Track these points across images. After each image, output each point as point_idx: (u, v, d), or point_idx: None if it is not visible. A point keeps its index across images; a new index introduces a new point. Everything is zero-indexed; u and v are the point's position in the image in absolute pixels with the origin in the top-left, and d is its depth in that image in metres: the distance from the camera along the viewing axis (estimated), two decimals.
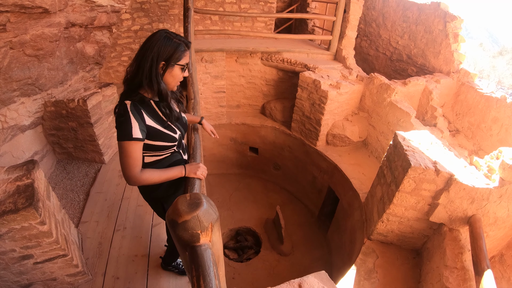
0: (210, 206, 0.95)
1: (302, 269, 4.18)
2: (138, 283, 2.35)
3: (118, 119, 1.37)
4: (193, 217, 0.89)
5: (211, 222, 0.93)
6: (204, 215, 0.91)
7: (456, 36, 4.84)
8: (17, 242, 1.88)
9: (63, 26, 3.06)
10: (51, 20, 2.84)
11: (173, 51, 1.38)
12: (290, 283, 1.26)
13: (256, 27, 6.30)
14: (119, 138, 1.37)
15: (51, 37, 2.93)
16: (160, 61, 1.37)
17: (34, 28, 2.70)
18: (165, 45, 1.36)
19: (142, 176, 1.43)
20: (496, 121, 4.13)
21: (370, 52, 7.27)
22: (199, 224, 0.90)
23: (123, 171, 1.40)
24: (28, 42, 2.69)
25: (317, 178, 4.90)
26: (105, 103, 3.63)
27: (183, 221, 0.89)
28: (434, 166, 2.32)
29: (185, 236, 0.91)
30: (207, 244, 0.93)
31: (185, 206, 0.92)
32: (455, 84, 4.84)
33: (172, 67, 1.41)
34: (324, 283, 1.30)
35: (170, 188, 1.73)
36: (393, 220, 2.63)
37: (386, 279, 2.42)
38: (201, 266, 0.87)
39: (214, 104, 5.14)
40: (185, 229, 0.90)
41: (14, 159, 3.00)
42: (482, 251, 1.76)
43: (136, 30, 5.11)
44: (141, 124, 1.38)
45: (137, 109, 1.39)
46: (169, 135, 1.55)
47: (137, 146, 1.39)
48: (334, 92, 4.24)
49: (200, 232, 0.91)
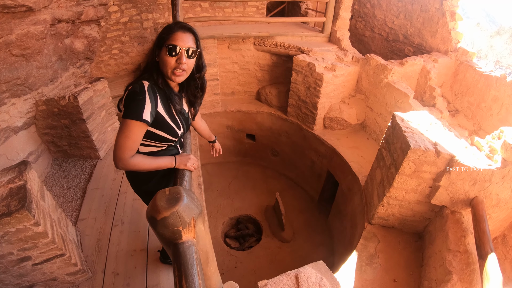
0: (191, 200, 0.89)
1: (304, 255, 4.20)
2: (137, 278, 2.35)
3: (131, 96, 1.31)
4: (173, 213, 0.83)
5: (192, 217, 0.88)
6: (184, 210, 0.86)
7: (453, 14, 4.71)
8: (14, 244, 1.87)
9: (49, 23, 3.00)
10: (36, 18, 2.79)
11: (161, 34, 1.36)
12: (286, 275, 1.23)
13: (247, 12, 6.15)
14: (126, 116, 1.30)
15: (37, 35, 2.88)
16: (155, 48, 1.37)
17: (19, 28, 2.66)
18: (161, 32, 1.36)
19: (132, 161, 1.37)
20: (496, 100, 4.05)
21: (366, 33, 7.12)
22: (180, 220, 0.85)
23: (114, 151, 1.34)
24: (14, 42, 2.65)
25: (316, 163, 4.87)
26: (97, 98, 3.56)
27: (162, 217, 0.83)
28: (435, 147, 2.27)
29: (166, 233, 0.86)
30: (190, 240, 0.88)
31: (164, 201, 0.86)
32: (453, 63, 4.74)
33: (159, 51, 1.37)
34: (322, 273, 1.27)
35: (161, 181, 1.69)
36: (393, 203, 2.60)
37: (388, 264, 2.40)
38: (184, 265, 0.82)
39: (208, 92, 5.05)
40: (165, 226, 0.84)
41: (9, 161, 2.97)
42: (485, 234, 1.73)
43: (125, 22, 4.97)
44: (153, 108, 1.34)
45: (153, 92, 1.35)
46: (173, 129, 1.50)
47: (141, 129, 1.34)
48: (330, 75, 4.16)
49: (182, 229, 0.86)
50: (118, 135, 1.33)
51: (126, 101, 1.33)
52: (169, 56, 1.33)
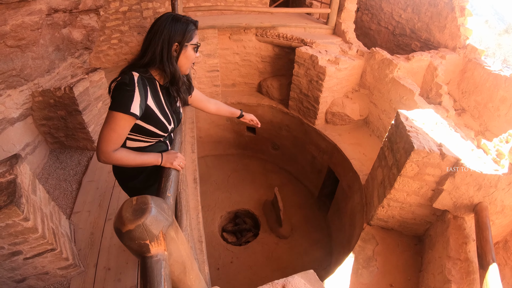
0: (159, 212, 0.82)
1: (301, 251, 4.16)
2: (129, 273, 2.34)
3: (120, 87, 1.25)
4: (138, 226, 0.76)
5: (161, 230, 0.81)
6: (152, 223, 0.78)
7: (463, 9, 4.53)
8: (5, 239, 1.86)
9: (44, 13, 2.93)
10: (31, 8, 2.73)
11: (184, 31, 1.34)
12: (273, 284, 1.16)
13: (250, 1, 6.00)
14: (113, 107, 1.25)
15: (33, 26, 2.81)
16: (173, 43, 1.33)
17: (14, 18, 2.60)
18: (175, 26, 1.31)
19: (115, 155, 1.31)
20: (504, 100, 3.90)
21: (372, 26, 6.93)
22: (146, 234, 0.78)
23: (98, 143, 1.29)
24: (8, 33, 2.60)
25: (317, 158, 4.79)
26: (93, 89, 3.48)
27: (127, 230, 0.76)
28: (439, 149, 2.17)
29: (132, 246, 0.79)
30: (160, 254, 0.81)
31: (129, 213, 0.79)
32: (461, 61, 4.58)
33: (185, 48, 1.37)
34: (312, 283, 1.21)
35: (149, 178, 1.63)
36: (394, 205, 2.52)
37: (385, 268, 2.34)
38: (150, 282, 0.76)
39: (208, 83, 4.96)
40: (131, 239, 0.78)
41: (5, 153, 2.92)
42: (487, 243, 1.65)
43: (124, 11, 4.85)
44: (142, 100, 1.29)
45: (143, 84, 1.30)
46: (163, 123, 1.44)
47: (128, 122, 1.29)
48: (333, 68, 4.04)
49: (149, 242, 0.79)
50: (103, 127, 1.28)
51: (114, 92, 1.27)
52: (194, 53, 1.43)
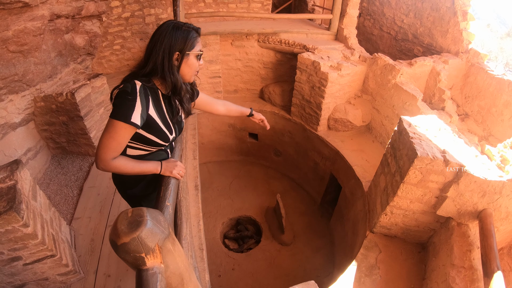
0: (155, 224, 0.81)
1: (303, 259, 4.11)
2: (129, 281, 2.32)
3: (121, 95, 1.24)
4: (133, 239, 0.75)
5: (157, 243, 0.80)
6: (147, 236, 0.77)
7: (465, 14, 4.53)
8: (4, 245, 1.85)
9: (47, 19, 2.96)
10: (33, 14, 2.75)
11: (185, 39, 1.32)
12: None
13: (252, 8, 6.01)
14: (113, 115, 1.23)
15: (35, 31, 2.84)
16: (174, 52, 1.30)
17: (16, 24, 2.62)
18: (175, 35, 1.29)
19: (114, 162, 1.30)
20: (508, 105, 3.87)
21: (374, 31, 6.94)
22: (142, 247, 0.77)
23: (97, 151, 1.28)
24: (11, 39, 2.62)
25: (319, 165, 4.76)
26: (95, 94, 3.50)
27: (122, 243, 0.75)
28: (443, 156, 2.14)
29: (128, 259, 0.78)
30: (156, 267, 0.80)
31: (125, 225, 0.77)
32: (464, 65, 4.56)
33: (187, 56, 1.35)
34: None
35: (148, 186, 1.62)
36: (397, 213, 2.49)
37: (388, 276, 2.30)
38: None
39: (210, 90, 4.97)
40: (126, 252, 0.76)
41: (7, 158, 2.94)
42: (492, 251, 1.61)
43: (127, 17, 4.87)
44: (143, 110, 1.27)
45: (145, 93, 1.29)
46: (164, 133, 1.43)
47: (128, 131, 1.27)
48: (335, 74, 4.03)
49: (145, 255, 0.78)
50: (102, 134, 1.27)
51: (115, 100, 1.26)
52: (197, 61, 1.41)
